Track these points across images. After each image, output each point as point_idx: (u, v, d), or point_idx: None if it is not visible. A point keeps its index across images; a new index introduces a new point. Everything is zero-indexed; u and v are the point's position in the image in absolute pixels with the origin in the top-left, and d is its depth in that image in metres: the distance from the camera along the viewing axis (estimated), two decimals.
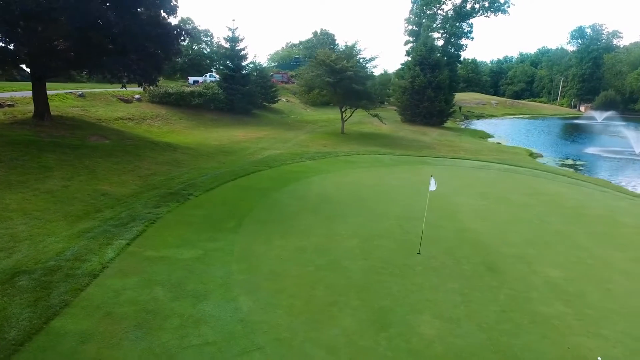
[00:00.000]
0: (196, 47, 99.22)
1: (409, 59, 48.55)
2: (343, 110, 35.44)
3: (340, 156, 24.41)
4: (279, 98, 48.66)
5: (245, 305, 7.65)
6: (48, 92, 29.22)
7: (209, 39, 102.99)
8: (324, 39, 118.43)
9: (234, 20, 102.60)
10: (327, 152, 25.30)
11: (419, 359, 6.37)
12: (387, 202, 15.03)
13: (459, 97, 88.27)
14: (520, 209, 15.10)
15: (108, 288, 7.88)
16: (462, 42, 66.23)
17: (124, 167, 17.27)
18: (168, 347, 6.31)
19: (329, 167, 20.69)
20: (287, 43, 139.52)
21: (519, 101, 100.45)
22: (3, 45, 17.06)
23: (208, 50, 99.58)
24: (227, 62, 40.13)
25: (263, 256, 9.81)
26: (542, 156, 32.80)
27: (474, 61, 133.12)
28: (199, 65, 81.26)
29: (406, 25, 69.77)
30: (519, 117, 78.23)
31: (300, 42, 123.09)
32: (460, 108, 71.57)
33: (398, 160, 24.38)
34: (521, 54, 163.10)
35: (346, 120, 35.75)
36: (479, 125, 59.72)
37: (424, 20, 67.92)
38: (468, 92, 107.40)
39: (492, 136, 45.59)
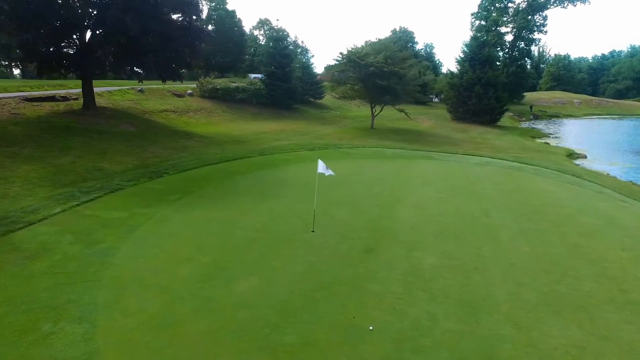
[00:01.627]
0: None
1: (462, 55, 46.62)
2: (373, 105, 35.89)
3: (344, 148, 25.28)
4: (325, 93, 50.22)
5: (120, 252, 9.46)
6: (114, 88, 34.51)
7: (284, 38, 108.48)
8: (403, 37, 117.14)
9: (277, 20, 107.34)
10: (334, 145, 26.30)
11: (208, 302, 7.57)
12: (339, 189, 15.83)
13: (537, 95, 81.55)
14: (475, 203, 14.83)
15: (32, 232, 10.27)
16: (534, 37, 61.46)
17: (132, 150, 20.33)
18: (34, 271, 8.37)
19: (318, 158, 21.77)
20: (366, 41, 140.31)
21: (611, 100, 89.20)
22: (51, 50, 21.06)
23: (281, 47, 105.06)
24: (271, 59, 42.73)
25: (173, 222, 11.58)
26: (585, 157, 29.94)
27: (566, 57, 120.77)
28: None
29: (473, 20, 66.61)
30: (603, 118, 69.86)
31: (379, 40, 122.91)
32: (531, 107, 66.40)
33: (400, 154, 24.50)
34: (632, 47, 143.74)
35: (376, 115, 36.12)
36: (544, 125, 55.03)
37: (493, 14, 64.26)
38: (558, 90, 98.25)
39: (548, 136, 42.13)
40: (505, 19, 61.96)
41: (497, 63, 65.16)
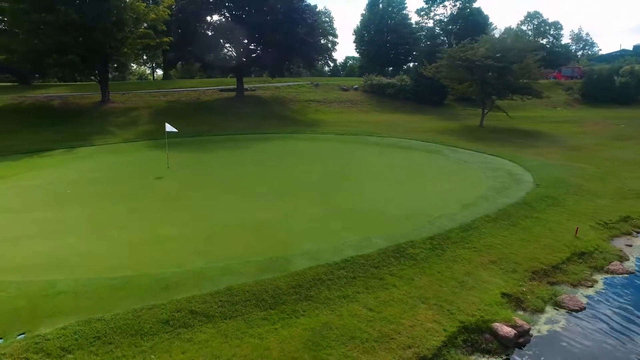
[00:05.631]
0: (544, 41, 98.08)
1: None
2: (484, 103, 33.09)
3: (372, 137, 27.63)
4: None
5: (88, 159, 20.28)
6: (295, 83, 47.11)
7: (557, 31, 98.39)
8: None
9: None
10: (373, 133, 28.59)
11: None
12: (262, 156, 21.37)
13: None
14: (332, 177, 17.21)
15: (84, 148, 22.62)
16: None
17: (222, 122, 31.13)
18: (49, 159, 20.32)
19: (325, 140, 26.29)
20: None
21: None
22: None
23: (550, 42, 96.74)
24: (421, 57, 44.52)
25: (139, 151, 21.51)
26: None
27: None
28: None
29: None
30: None
31: None
32: None
33: (410, 145, 24.95)
34: None
35: (486, 113, 33.12)
36: None
37: None
38: None
39: None
40: None
41: None
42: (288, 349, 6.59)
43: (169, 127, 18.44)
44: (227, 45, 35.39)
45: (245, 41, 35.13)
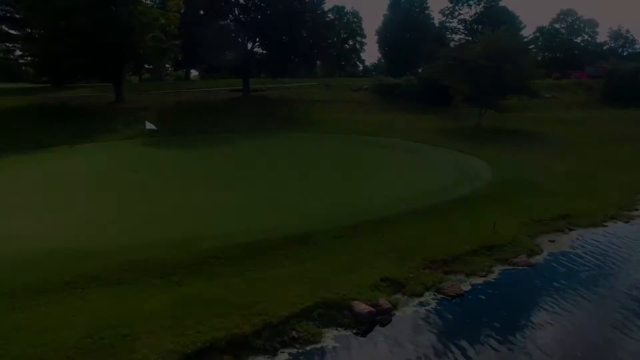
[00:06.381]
0: (578, 39, 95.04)
1: None
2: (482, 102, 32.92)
3: (356, 136, 28.52)
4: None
5: (89, 153, 22.42)
6: (306, 84, 48.38)
7: (592, 29, 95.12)
8: None
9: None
10: (367, 134, 29.39)
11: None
12: (229, 151, 22.74)
13: None
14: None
15: (92, 145, 24.90)
16: None
17: (218, 119, 32.67)
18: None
19: (311, 139, 27.33)
20: None
21: None
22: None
23: (585, 40, 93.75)
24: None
25: (132, 147, 23.48)
26: None
27: None
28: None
29: None
30: None
31: None
32: None
33: (401, 145, 25.63)
34: None
35: (483, 113, 32.90)
36: None
37: None
38: None
39: None
40: None
41: None
42: (150, 308, 7.78)
43: (148, 125, 20.17)
44: (230, 47, 37.11)
45: (249, 44, 36.77)
